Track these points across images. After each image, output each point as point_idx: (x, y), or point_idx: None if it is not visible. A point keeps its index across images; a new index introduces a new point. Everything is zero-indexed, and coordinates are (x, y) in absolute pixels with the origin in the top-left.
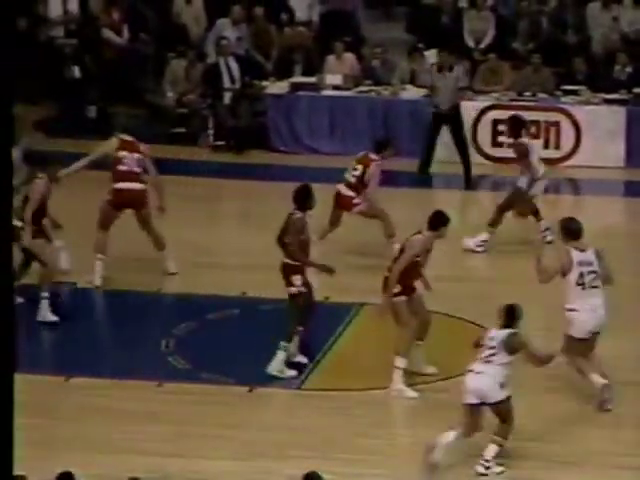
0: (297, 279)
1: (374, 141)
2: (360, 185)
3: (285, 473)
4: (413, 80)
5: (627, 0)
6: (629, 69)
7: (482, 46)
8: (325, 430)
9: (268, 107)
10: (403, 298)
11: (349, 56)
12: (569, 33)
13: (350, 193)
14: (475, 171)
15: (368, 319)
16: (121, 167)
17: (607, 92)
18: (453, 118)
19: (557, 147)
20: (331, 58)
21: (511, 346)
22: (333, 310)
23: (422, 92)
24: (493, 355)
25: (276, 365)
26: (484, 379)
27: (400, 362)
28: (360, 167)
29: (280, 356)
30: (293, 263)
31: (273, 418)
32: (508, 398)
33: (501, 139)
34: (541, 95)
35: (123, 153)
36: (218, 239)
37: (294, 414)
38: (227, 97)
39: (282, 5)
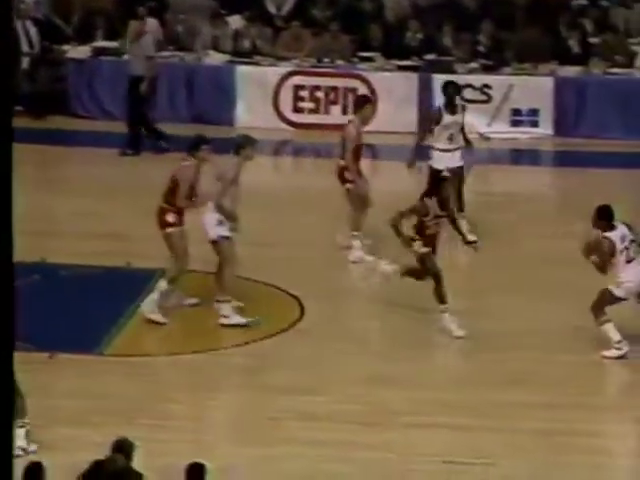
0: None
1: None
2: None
3: (90, 440)
4: (216, 46)
5: None
6: (420, 36)
7: (283, 13)
8: (129, 396)
9: (69, 72)
10: (178, 229)
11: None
12: (365, 1)
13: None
14: (276, 137)
15: None
16: None
17: (400, 59)
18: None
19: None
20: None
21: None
22: (135, 276)
23: (225, 57)
24: None
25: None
26: None
27: (162, 284)
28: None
29: None
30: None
31: (75, 384)
32: None
33: (302, 105)
34: (339, 62)
35: None
36: (17, 205)
37: (97, 380)
38: (25, 62)
39: None
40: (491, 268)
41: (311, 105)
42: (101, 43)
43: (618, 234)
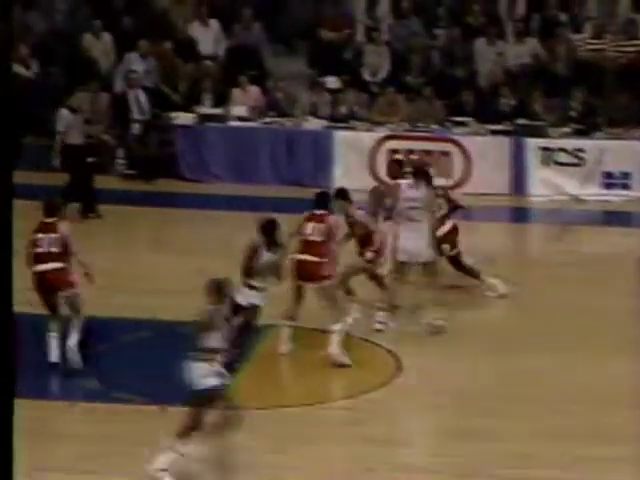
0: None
1: None
2: None
3: None
4: (314, 112)
5: (511, 36)
6: (513, 101)
7: (378, 79)
8: (237, 445)
9: (176, 137)
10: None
11: (254, 89)
12: (457, 67)
13: None
14: None
15: (273, 340)
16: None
17: (493, 123)
18: (83, 152)
19: (448, 176)
20: (236, 90)
21: None
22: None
23: (323, 123)
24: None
25: None
26: None
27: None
28: None
29: None
30: None
31: None
32: None
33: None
34: (433, 126)
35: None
36: (129, 264)
37: None
38: (136, 128)
39: (189, 40)
40: (576, 319)
41: (406, 168)
42: (206, 110)
43: None
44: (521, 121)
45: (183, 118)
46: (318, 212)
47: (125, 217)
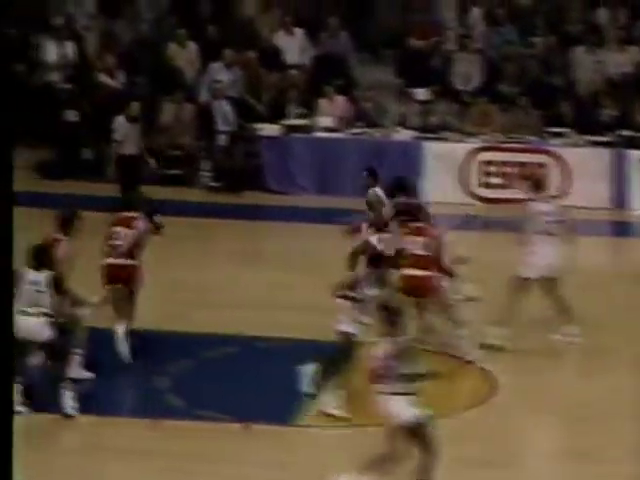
0: None
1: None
2: None
3: None
4: (403, 122)
5: (612, 44)
6: (614, 112)
7: (469, 88)
8: (322, 466)
9: (262, 149)
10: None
11: (340, 99)
12: (554, 76)
13: None
14: (465, 211)
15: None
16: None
17: (593, 134)
18: (136, 163)
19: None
20: (323, 101)
21: None
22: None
23: (412, 134)
24: None
25: None
26: None
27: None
28: None
29: None
30: None
31: (268, 454)
32: None
33: (490, 180)
34: (529, 137)
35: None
36: (214, 278)
37: (289, 450)
38: (221, 139)
39: (274, 49)
40: None
41: (500, 180)
42: (292, 121)
43: None
44: (624, 132)
45: (269, 129)
46: (414, 225)
47: (210, 230)
